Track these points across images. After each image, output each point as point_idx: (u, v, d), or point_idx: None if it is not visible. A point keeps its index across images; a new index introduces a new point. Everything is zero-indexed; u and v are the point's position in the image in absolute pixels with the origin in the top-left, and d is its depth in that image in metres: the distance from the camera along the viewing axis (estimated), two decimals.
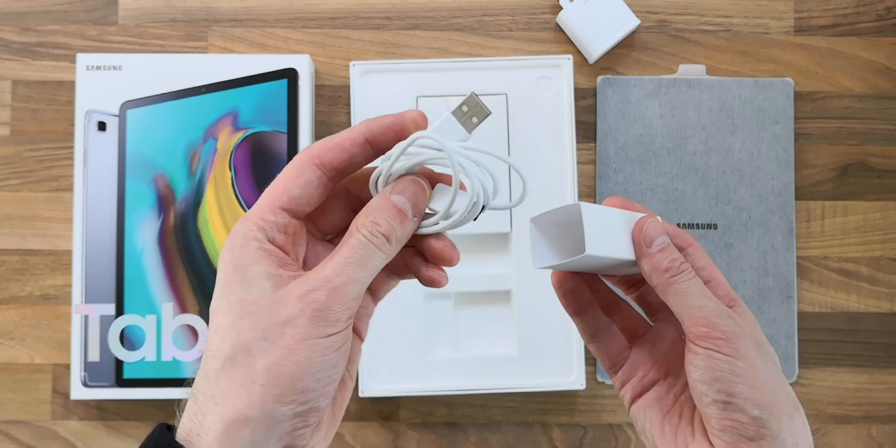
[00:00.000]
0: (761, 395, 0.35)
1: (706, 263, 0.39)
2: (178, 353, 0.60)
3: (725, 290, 0.39)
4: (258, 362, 0.31)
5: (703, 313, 0.36)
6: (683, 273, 0.37)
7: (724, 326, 0.36)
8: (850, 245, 0.64)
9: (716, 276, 0.39)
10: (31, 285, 0.63)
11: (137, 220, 0.60)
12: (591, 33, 0.62)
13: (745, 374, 0.35)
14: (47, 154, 0.63)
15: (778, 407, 0.35)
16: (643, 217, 0.38)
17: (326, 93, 0.64)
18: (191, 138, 0.61)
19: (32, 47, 0.64)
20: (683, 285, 0.37)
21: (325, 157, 0.35)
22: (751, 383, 0.35)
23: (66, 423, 0.62)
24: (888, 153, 0.64)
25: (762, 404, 0.35)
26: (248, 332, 0.31)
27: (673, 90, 0.64)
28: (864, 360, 0.64)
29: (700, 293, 0.37)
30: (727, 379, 0.35)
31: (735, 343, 0.35)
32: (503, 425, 0.63)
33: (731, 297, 0.39)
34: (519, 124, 0.62)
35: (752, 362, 0.35)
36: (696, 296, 0.36)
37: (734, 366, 0.35)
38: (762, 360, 0.36)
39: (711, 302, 0.36)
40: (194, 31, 0.64)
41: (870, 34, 0.65)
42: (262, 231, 0.34)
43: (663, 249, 0.37)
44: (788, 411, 0.35)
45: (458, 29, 0.64)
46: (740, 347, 0.35)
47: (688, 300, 0.36)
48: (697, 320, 0.36)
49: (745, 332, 0.36)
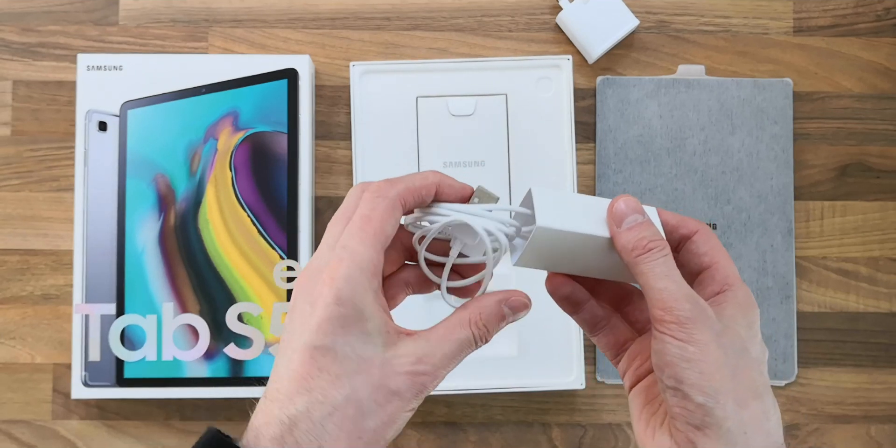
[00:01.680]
0: (709, 381, 0.34)
1: (709, 249, 0.38)
2: (179, 353, 0.60)
3: (724, 273, 0.38)
4: (367, 422, 0.34)
5: (662, 296, 0.35)
6: (650, 252, 0.36)
7: (678, 310, 0.35)
8: (849, 245, 0.64)
9: (717, 260, 0.38)
10: (32, 285, 0.63)
11: (138, 220, 0.60)
12: (591, 34, 0.62)
13: (694, 360, 0.34)
14: (48, 154, 0.64)
15: (726, 394, 0.34)
16: (617, 197, 0.38)
17: (326, 93, 0.64)
18: (191, 138, 0.61)
19: (33, 47, 0.64)
20: (647, 265, 0.36)
21: (407, 199, 0.36)
22: (699, 369, 0.34)
23: (67, 422, 0.62)
24: (887, 153, 0.65)
25: (708, 391, 0.34)
26: (362, 389, 0.33)
27: (672, 90, 0.64)
28: (863, 360, 0.64)
29: (662, 274, 0.35)
30: (676, 364, 0.35)
31: (689, 327, 0.34)
32: (503, 425, 0.63)
33: (727, 282, 0.38)
34: (519, 124, 0.62)
35: (704, 347, 0.34)
36: (658, 277, 0.35)
37: (684, 350, 0.34)
38: (718, 345, 0.35)
39: (673, 284, 0.35)
40: (195, 31, 0.64)
41: (869, 34, 0.65)
42: (376, 277, 0.35)
43: (632, 227, 0.36)
44: (741, 398, 0.34)
45: (458, 29, 0.65)
46: (694, 332, 0.34)
47: (649, 281, 0.36)
48: (655, 303, 0.35)
49: (705, 316, 0.35)
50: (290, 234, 0.60)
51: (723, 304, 0.37)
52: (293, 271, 0.60)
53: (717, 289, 0.38)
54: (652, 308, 0.36)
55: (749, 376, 0.35)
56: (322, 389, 0.33)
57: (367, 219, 0.35)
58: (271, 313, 0.60)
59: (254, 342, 0.60)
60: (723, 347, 0.35)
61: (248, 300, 0.60)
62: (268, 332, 0.60)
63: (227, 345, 0.60)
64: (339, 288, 0.34)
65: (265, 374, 0.59)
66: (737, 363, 0.35)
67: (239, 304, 0.60)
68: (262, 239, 0.60)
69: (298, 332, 0.34)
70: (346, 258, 0.34)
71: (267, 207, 0.60)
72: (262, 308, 0.60)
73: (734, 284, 0.37)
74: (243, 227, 0.60)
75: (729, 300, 0.37)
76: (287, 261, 0.60)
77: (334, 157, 0.64)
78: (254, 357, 0.59)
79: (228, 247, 0.60)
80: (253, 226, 0.60)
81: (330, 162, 0.64)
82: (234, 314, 0.60)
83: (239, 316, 0.60)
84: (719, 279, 0.38)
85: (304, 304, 0.34)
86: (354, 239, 0.35)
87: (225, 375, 0.59)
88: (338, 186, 0.64)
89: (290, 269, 0.60)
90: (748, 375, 0.35)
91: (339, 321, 0.33)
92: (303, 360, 0.33)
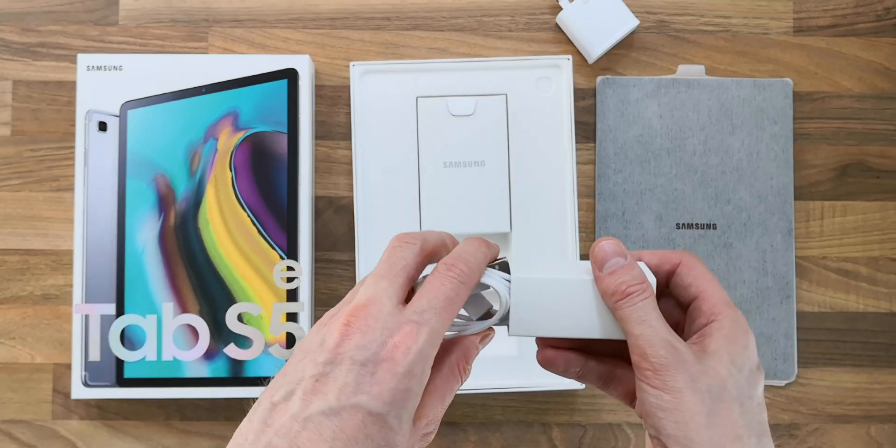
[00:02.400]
0: (684, 431, 0.34)
1: (693, 279, 0.38)
2: (179, 353, 0.60)
3: (710, 303, 0.37)
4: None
5: (638, 342, 0.35)
6: (629, 297, 0.36)
7: (652, 357, 0.34)
8: (849, 245, 0.64)
9: (704, 289, 0.37)
10: (32, 285, 0.63)
11: (138, 220, 0.60)
12: (591, 34, 0.62)
13: (669, 408, 0.34)
14: (48, 154, 0.64)
15: (702, 442, 0.34)
16: (599, 240, 0.38)
17: (326, 93, 0.64)
18: (191, 138, 0.61)
19: (33, 47, 0.64)
20: (625, 311, 0.36)
21: (431, 254, 0.37)
22: (674, 418, 0.34)
23: (67, 422, 0.62)
24: (887, 153, 0.65)
25: (683, 441, 0.34)
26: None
27: (672, 90, 0.64)
28: (863, 360, 0.64)
29: (640, 320, 0.35)
30: (654, 413, 0.35)
31: (663, 374, 0.34)
32: (503, 425, 0.63)
33: (713, 311, 0.37)
34: (518, 124, 0.62)
35: (678, 394, 0.34)
36: (636, 322, 0.35)
37: (660, 399, 0.34)
38: (694, 391, 0.34)
39: (649, 329, 0.35)
40: (195, 31, 0.64)
41: (869, 34, 0.65)
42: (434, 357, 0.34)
43: (614, 272, 0.36)
44: (716, 445, 0.34)
45: (458, 29, 0.65)
46: (668, 379, 0.34)
47: (627, 326, 0.36)
48: (633, 349, 0.35)
49: (680, 360, 0.34)
50: (290, 234, 0.60)
51: (708, 338, 0.36)
52: (293, 271, 0.60)
53: (704, 321, 0.37)
54: (631, 354, 0.36)
55: (728, 420, 0.35)
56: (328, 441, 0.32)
57: (451, 301, 0.35)
58: (271, 313, 0.60)
59: (254, 342, 0.60)
60: (698, 393, 0.34)
61: (248, 300, 0.60)
62: (268, 332, 0.60)
63: (227, 345, 0.60)
64: (414, 362, 0.33)
65: (265, 374, 0.59)
66: (713, 407, 0.34)
67: (239, 304, 0.60)
68: (262, 239, 0.60)
69: (352, 388, 0.32)
70: (427, 332, 0.33)
71: (267, 207, 0.60)
72: (262, 308, 0.60)
73: (720, 313, 0.37)
74: (243, 227, 0.60)
75: (714, 332, 0.36)
76: (287, 261, 0.60)
77: (334, 157, 0.64)
78: (254, 357, 0.59)
79: (228, 247, 0.60)
80: (253, 226, 0.60)
81: (330, 162, 0.64)
82: (234, 314, 0.60)
83: (239, 316, 0.60)
84: (706, 310, 0.37)
85: (359, 357, 0.33)
86: (436, 315, 0.34)
87: (225, 375, 0.59)
88: (338, 186, 0.64)
89: (290, 269, 0.60)
90: (727, 419, 0.35)
91: (402, 395, 0.32)
92: (354, 423, 0.32)
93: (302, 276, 0.60)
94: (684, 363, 0.35)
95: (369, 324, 0.33)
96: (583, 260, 0.39)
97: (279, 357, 0.59)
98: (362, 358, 0.32)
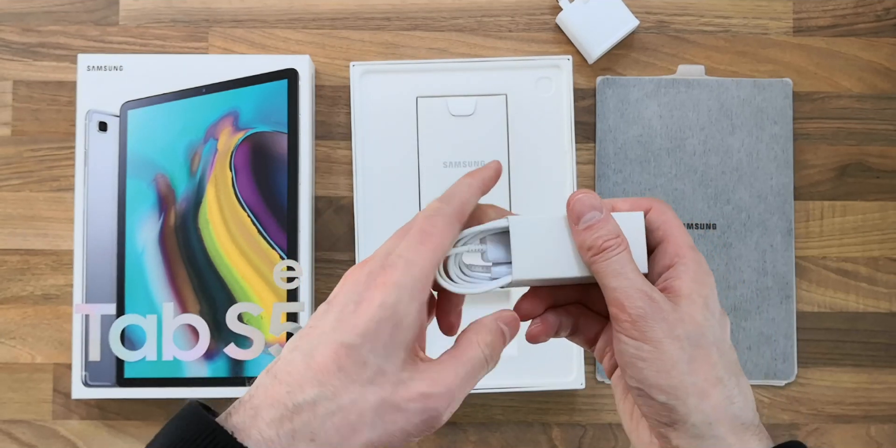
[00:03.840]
0: (667, 379, 0.35)
1: (662, 223, 0.38)
2: (179, 353, 0.60)
3: (675, 244, 0.37)
4: (364, 433, 0.33)
5: (615, 294, 0.35)
6: (605, 251, 0.36)
7: (630, 308, 0.35)
8: (849, 245, 0.64)
9: (670, 233, 0.38)
10: (32, 285, 0.63)
11: (138, 220, 0.60)
12: (591, 34, 0.62)
13: (650, 358, 0.35)
14: (48, 154, 0.64)
15: (685, 388, 0.35)
16: (575, 192, 0.38)
17: (326, 93, 0.64)
18: (191, 138, 0.61)
19: (33, 48, 0.64)
20: (601, 264, 0.36)
21: (462, 216, 0.37)
22: (657, 367, 0.35)
23: (67, 422, 0.62)
24: (887, 153, 0.65)
25: (668, 389, 0.35)
26: (371, 399, 0.33)
27: (672, 90, 0.64)
28: (863, 360, 0.64)
29: (616, 272, 0.36)
30: (635, 364, 0.35)
31: (641, 325, 0.35)
32: (503, 424, 0.63)
33: (677, 253, 0.37)
34: (518, 125, 0.62)
35: (658, 344, 0.35)
36: (612, 275, 0.36)
37: (640, 349, 0.35)
38: (673, 339, 0.35)
39: (626, 281, 0.35)
40: (195, 31, 0.64)
41: (869, 35, 0.65)
42: (424, 292, 0.35)
43: (589, 227, 0.37)
44: (701, 390, 0.35)
45: (458, 29, 0.65)
46: (646, 329, 0.35)
47: (604, 280, 0.36)
48: (611, 301, 0.36)
49: (657, 310, 0.35)
50: (290, 234, 0.60)
51: (677, 280, 0.37)
52: (293, 271, 0.60)
53: (668, 262, 0.37)
54: (609, 307, 0.36)
55: (707, 364, 0.35)
56: (334, 387, 0.33)
57: (426, 233, 0.35)
58: (271, 313, 0.60)
59: (254, 342, 0.60)
60: (678, 340, 0.35)
61: (248, 300, 0.60)
62: (268, 332, 0.60)
63: (227, 345, 0.60)
64: (388, 293, 0.33)
65: None
66: (693, 354, 0.35)
67: (239, 304, 0.60)
68: (263, 239, 0.60)
69: (332, 325, 0.34)
70: (402, 266, 0.34)
71: (267, 207, 0.60)
72: (262, 308, 0.60)
73: (685, 255, 0.37)
74: (243, 227, 0.60)
75: (682, 274, 0.37)
76: (287, 261, 0.60)
77: (334, 157, 0.64)
78: (254, 357, 0.60)
79: (228, 247, 0.60)
80: (253, 226, 0.60)
81: (330, 162, 0.64)
82: (234, 314, 0.60)
83: (239, 316, 0.60)
84: (670, 251, 0.37)
85: (347, 301, 0.34)
86: (412, 251, 0.35)
87: (225, 375, 0.59)
88: (338, 186, 0.64)
89: (290, 269, 0.60)
90: (706, 364, 0.35)
91: (376, 325, 0.33)
92: (327, 353, 0.33)
93: (302, 276, 0.60)
94: (661, 312, 0.35)
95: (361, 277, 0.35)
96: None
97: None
98: (347, 300, 0.34)
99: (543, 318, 0.40)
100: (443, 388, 0.34)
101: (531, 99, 0.62)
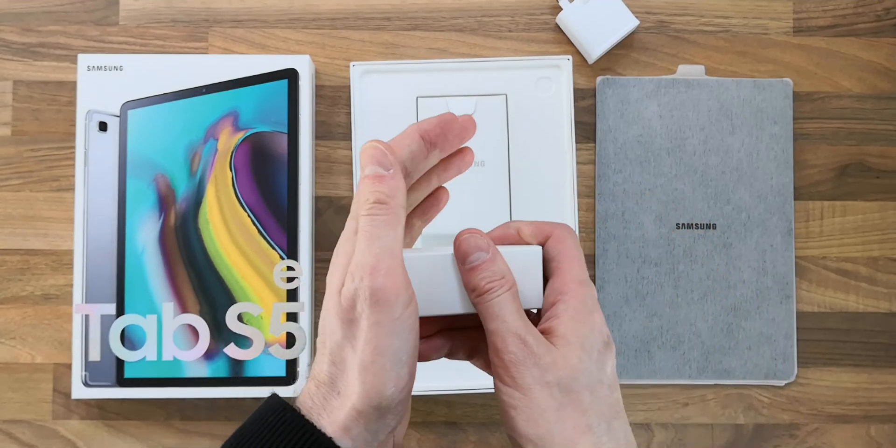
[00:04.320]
0: (534, 428, 0.34)
1: (557, 253, 0.37)
2: (179, 353, 0.60)
3: (562, 281, 0.37)
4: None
5: (493, 338, 0.35)
6: (487, 293, 0.36)
7: (503, 353, 0.35)
8: (849, 245, 0.64)
9: (562, 265, 0.37)
10: (32, 285, 0.63)
11: (138, 220, 0.60)
12: (591, 34, 0.62)
13: (520, 407, 0.34)
14: (48, 154, 0.64)
15: (552, 438, 0.34)
16: (463, 232, 0.37)
17: (327, 93, 0.64)
18: (191, 138, 0.61)
19: (33, 48, 0.64)
20: (483, 306, 0.36)
21: (410, 177, 0.38)
22: (525, 416, 0.34)
23: (67, 422, 0.62)
24: (887, 153, 0.65)
25: (534, 438, 0.34)
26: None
27: (672, 90, 0.64)
28: (863, 360, 0.64)
29: (495, 315, 0.35)
30: (507, 412, 0.35)
31: (513, 371, 0.34)
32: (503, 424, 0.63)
33: (563, 290, 0.37)
34: (518, 125, 0.62)
35: (528, 391, 0.34)
36: (491, 318, 0.35)
37: (511, 397, 0.35)
38: (544, 385, 0.34)
39: (503, 324, 0.35)
40: (195, 31, 0.64)
41: (869, 35, 0.65)
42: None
43: (473, 268, 0.36)
44: (566, 439, 0.34)
45: (458, 29, 0.65)
46: (517, 376, 0.34)
47: (485, 322, 0.36)
48: (490, 346, 0.36)
49: (529, 355, 0.34)
50: (290, 234, 0.60)
51: (555, 320, 0.36)
52: (293, 271, 0.60)
53: (553, 299, 0.37)
54: (489, 352, 0.36)
55: (577, 412, 0.35)
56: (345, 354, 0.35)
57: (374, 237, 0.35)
58: (271, 313, 0.60)
59: (254, 342, 0.60)
60: (547, 387, 0.34)
61: (248, 300, 0.60)
62: (268, 332, 0.60)
63: (227, 345, 0.60)
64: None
65: (265, 374, 0.59)
66: (562, 400, 0.34)
67: (239, 304, 0.60)
68: (263, 239, 0.60)
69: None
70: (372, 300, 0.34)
71: (267, 207, 0.60)
72: (262, 308, 0.60)
73: (567, 292, 0.36)
74: (243, 227, 0.60)
75: (560, 314, 0.36)
76: (287, 261, 0.60)
77: (334, 157, 0.64)
78: (254, 357, 0.60)
79: (228, 247, 0.60)
80: (253, 226, 0.60)
81: (330, 162, 0.64)
82: (234, 314, 0.60)
83: (239, 316, 0.60)
84: (556, 287, 0.37)
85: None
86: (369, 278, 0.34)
87: (225, 375, 0.59)
88: (338, 186, 0.64)
89: (290, 269, 0.60)
90: (576, 411, 0.35)
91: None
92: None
93: (302, 276, 0.60)
94: (533, 357, 0.34)
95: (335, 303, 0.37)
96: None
97: (279, 357, 0.60)
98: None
99: (431, 339, 0.40)
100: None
101: (531, 99, 0.62)
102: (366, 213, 0.34)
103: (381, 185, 0.35)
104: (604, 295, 0.63)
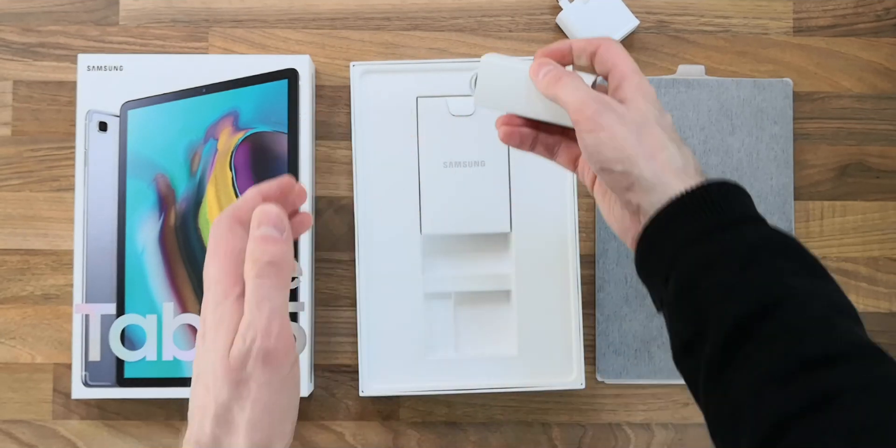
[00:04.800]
0: (620, 151, 0.42)
1: (610, 56, 0.45)
2: (179, 353, 0.60)
3: (621, 71, 0.44)
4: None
5: (574, 105, 0.43)
6: (558, 80, 0.44)
7: (586, 110, 0.43)
8: (849, 245, 0.64)
9: (616, 63, 0.45)
10: (33, 285, 0.63)
11: (138, 220, 0.60)
12: (591, 34, 0.62)
13: (606, 142, 0.42)
14: (48, 154, 0.64)
15: (637, 155, 0.42)
16: (536, 55, 0.47)
17: (327, 93, 0.64)
18: (191, 138, 0.61)
19: (33, 48, 0.64)
20: (557, 89, 0.44)
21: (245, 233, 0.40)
22: (612, 145, 0.42)
23: (67, 422, 0.62)
24: (887, 153, 0.65)
25: (623, 159, 0.42)
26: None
27: (672, 90, 0.64)
28: None
29: (570, 90, 0.44)
30: (597, 148, 0.43)
31: (596, 119, 0.42)
32: (503, 424, 0.63)
33: (623, 76, 0.44)
34: None
35: (611, 129, 0.42)
36: (568, 93, 0.44)
37: (598, 138, 0.42)
38: (622, 123, 0.42)
39: (579, 93, 0.43)
40: (195, 31, 0.64)
41: (869, 35, 0.65)
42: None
43: (547, 73, 0.45)
44: (649, 153, 0.42)
45: (458, 29, 0.65)
46: (601, 121, 0.42)
47: (562, 99, 0.44)
48: (571, 113, 0.43)
49: (607, 107, 0.43)
50: None
51: (622, 91, 0.44)
52: (293, 271, 0.60)
53: (615, 84, 0.45)
54: (571, 118, 0.43)
55: (653, 136, 0.42)
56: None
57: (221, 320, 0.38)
58: None
59: None
60: (626, 124, 0.42)
61: None
62: None
63: None
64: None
65: None
66: (640, 130, 0.42)
67: None
68: None
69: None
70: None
71: None
72: None
73: (629, 76, 0.44)
74: None
75: (625, 87, 0.44)
76: None
77: (334, 157, 0.64)
78: None
79: None
80: None
81: (330, 162, 0.64)
82: None
83: None
84: (617, 75, 0.45)
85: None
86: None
87: None
88: (338, 186, 0.64)
89: None
90: (652, 136, 0.42)
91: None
92: None
93: (302, 276, 0.60)
94: (611, 106, 0.43)
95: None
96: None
97: None
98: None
99: (518, 127, 0.49)
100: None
101: None
102: (256, 274, 0.37)
103: (274, 248, 0.38)
104: (604, 295, 0.63)
